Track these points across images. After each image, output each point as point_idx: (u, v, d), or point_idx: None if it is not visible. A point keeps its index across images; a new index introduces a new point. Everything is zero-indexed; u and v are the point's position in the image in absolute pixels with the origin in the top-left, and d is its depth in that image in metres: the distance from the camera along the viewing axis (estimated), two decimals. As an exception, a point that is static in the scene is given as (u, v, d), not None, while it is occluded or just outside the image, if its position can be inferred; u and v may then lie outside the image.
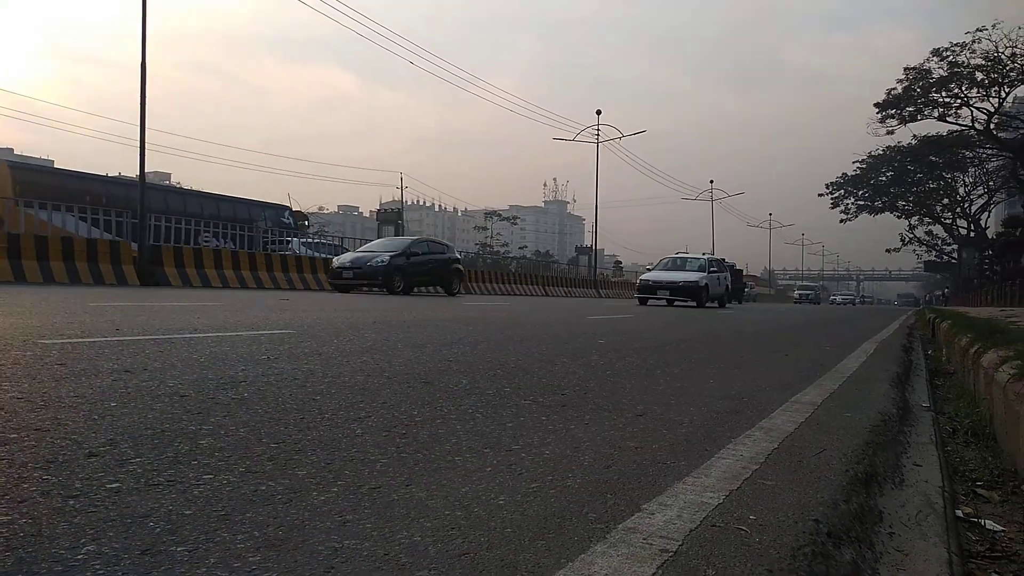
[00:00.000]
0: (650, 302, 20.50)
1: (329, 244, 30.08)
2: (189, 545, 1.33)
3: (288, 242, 26.07)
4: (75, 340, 4.20)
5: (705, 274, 21.04)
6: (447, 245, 22.67)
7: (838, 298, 76.12)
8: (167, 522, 1.43)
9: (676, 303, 20.51)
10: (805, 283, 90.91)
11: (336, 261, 18.89)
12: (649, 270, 23.72)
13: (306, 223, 39.15)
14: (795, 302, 61.49)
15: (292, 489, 1.69)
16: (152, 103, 17.75)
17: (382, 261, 17.74)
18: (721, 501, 1.82)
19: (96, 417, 2.26)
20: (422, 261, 19.25)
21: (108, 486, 1.63)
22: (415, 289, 19.68)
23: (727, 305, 23.50)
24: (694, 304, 20.25)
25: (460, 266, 21.57)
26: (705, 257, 23.04)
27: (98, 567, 1.22)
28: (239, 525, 1.44)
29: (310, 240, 28.52)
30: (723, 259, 27.00)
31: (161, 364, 3.40)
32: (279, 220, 29.22)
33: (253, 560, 1.29)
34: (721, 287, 22.29)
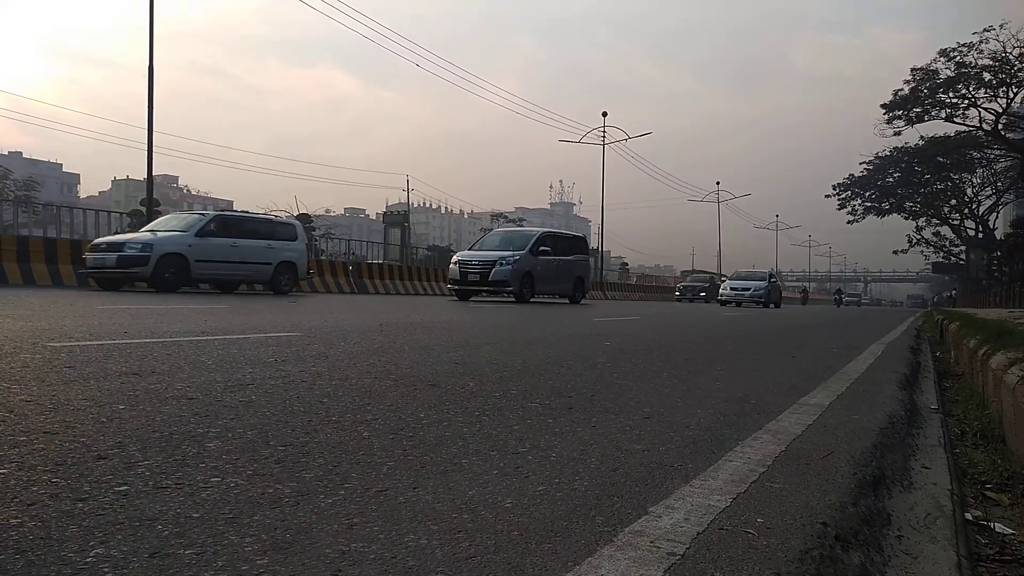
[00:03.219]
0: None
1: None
2: (197, 548, 1.34)
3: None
4: (83, 343, 4.22)
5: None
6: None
7: (729, 287, 31.49)
8: (175, 525, 1.44)
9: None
10: (698, 271, 53.46)
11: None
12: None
13: (311, 224, 39.33)
14: (678, 298, 38.31)
15: (299, 492, 1.69)
16: (156, 104, 17.87)
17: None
18: (728, 504, 1.82)
19: (104, 420, 2.27)
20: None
21: (117, 489, 1.63)
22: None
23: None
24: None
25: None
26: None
27: (107, 570, 1.23)
28: (247, 528, 1.45)
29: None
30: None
31: (169, 367, 3.41)
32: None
33: (261, 563, 1.29)
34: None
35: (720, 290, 31.72)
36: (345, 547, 1.39)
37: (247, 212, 17.88)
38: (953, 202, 56.04)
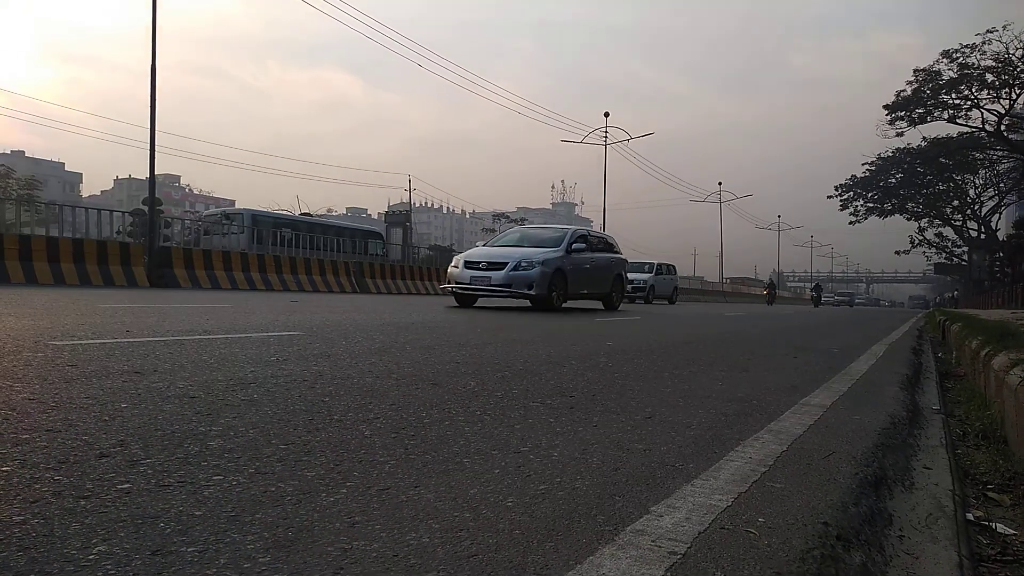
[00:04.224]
0: None
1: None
2: (199, 546, 1.34)
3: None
4: (86, 342, 4.23)
5: None
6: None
7: (464, 261, 12.99)
8: (178, 523, 1.44)
9: None
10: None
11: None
12: None
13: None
14: None
15: (301, 490, 1.70)
16: (157, 104, 17.86)
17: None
18: (730, 504, 1.82)
19: (107, 418, 2.28)
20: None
21: (119, 487, 1.64)
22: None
23: None
24: None
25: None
26: None
27: (109, 567, 1.23)
28: (249, 526, 1.45)
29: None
30: None
31: (171, 366, 3.42)
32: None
33: (263, 561, 1.29)
34: None
35: (450, 266, 13.63)
36: (347, 545, 1.39)
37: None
38: (955, 203, 55.97)
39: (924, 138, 48.44)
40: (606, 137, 40.31)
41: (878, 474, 2.26)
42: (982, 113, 43.04)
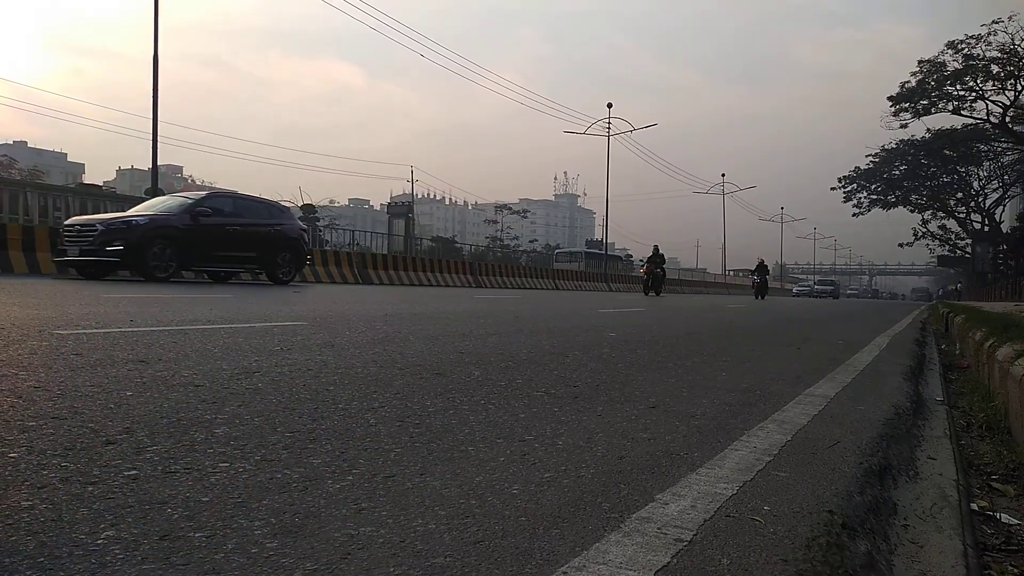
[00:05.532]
0: None
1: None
2: (207, 531, 1.34)
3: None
4: (90, 331, 4.23)
5: None
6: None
7: None
8: (185, 508, 1.45)
9: None
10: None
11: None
12: None
13: (315, 215, 39.42)
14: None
15: (307, 477, 1.70)
16: (160, 95, 17.80)
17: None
18: (735, 492, 1.82)
19: (112, 406, 2.28)
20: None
21: (126, 473, 1.64)
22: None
23: None
24: None
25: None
26: None
27: (118, 551, 1.23)
28: (256, 512, 1.46)
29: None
30: None
31: (175, 354, 3.42)
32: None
33: (270, 546, 1.30)
34: None
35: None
36: (354, 531, 1.39)
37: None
38: (959, 195, 55.83)
39: (928, 130, 48.31)
40: (608, 128, 40.22)
41: (883, 464, 2.26)
42: (987, 104, 42.87)
